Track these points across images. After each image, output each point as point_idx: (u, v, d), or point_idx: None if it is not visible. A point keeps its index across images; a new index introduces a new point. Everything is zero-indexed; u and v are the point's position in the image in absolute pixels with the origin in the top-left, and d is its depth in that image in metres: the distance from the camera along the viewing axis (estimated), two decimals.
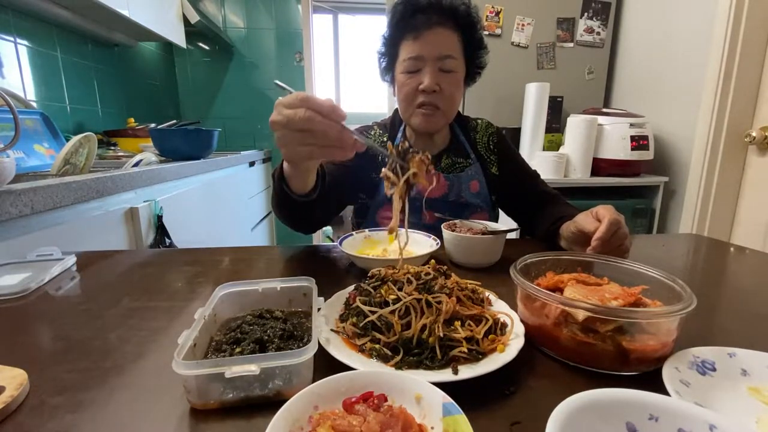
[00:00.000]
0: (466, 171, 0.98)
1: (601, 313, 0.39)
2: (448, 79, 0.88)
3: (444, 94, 0.89)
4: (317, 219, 0.81)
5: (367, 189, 0.98)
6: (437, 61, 0.87)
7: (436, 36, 0.86)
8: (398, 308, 0.42)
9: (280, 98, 0.52)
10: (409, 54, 0.88)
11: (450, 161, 0.99)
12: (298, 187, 0.66)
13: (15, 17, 1.47)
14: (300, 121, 0.48)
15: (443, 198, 0.95)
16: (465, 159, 1.00)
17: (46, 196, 0.80)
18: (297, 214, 0.73)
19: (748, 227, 1.67)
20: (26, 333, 0.49)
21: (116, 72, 2.12)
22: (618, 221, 0.64)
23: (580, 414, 0.28)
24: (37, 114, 1.38)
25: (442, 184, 0.95)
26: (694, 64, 1.76)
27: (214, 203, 1.78)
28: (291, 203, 0.68)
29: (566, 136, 1.90)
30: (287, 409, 0.29)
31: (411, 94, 0.90)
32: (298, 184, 0.65)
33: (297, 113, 0.48)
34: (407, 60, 0.88)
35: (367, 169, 0.95)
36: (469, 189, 0.97)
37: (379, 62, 0.99)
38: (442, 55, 0.87)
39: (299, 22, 2.87)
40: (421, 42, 0.86)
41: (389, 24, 0.92)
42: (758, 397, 0.36)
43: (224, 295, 0.47)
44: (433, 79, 0.87)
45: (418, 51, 0.87)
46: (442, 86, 0.88)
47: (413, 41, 0.87)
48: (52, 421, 0.33)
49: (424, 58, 0.87)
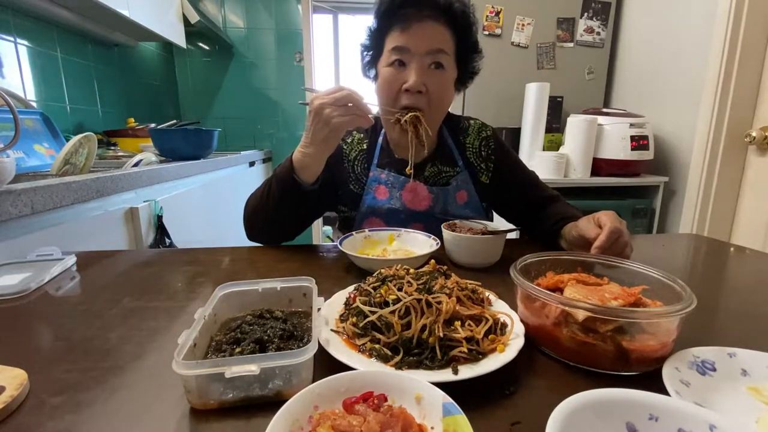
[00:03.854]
0: (451, 182, 0.91)
1: (601, 313, 0.39)
2: (437, 78, 0.80)
3: (431, 96, 0.80)
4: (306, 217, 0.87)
5: (348, 201, 0.93)
6: (426, 56, 0.78)
7: (427, 29, 0.78)
8: (398, 308, 0.42)
9: (315, 94, 0.71)
10: (395, 44, 0.79)
11: (435, 170, 0.91)
12: (309, 176, 0.77)
13: (15, 17, 1.47)
14: (344, 97, 0.68)
15: (428, 211, 0.90)
16: (452, 167, 0.92)
17: (46, 196, 0.80)
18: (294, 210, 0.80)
19: (748, 227, 1.67)
20: (26, 333, 0.49)
21: (116, 72, 2.12)
22: (618, 230, 0.62)
23: (580, 414, 0.28)
24: (37, 114, 1.38)
25: (426, 197, 0.89)
26: (694, 64, 1.76)
27: (214, 203, 1.78)
28: (296, 197, 0.78)
29: (566, 136, 1.90)
30: (287, 409, 0.29)
31: (393, 93, 0.81)
32: (313, 171, 0.77)
33: (341, 92, 0.68)
34: (392, 51, 0.79)
35: (346, 182, 0.92)
36: (455, 201, 0.91)
37: (361, 56, 0.89)
38: (432, 49, 0.78)
39: (299, 22, 2.87)
40: (409, 34, 0.78)
41: (376, 13, 0.83)
42: (758, 397, 0.36)
43: (224, 295, 0.47)
44: (420, 78, 0.78)
45: (405, 42, 0.78)
46: (429, 87, 0.79)
47: (400, 33, 0.78)
48: (52, 421, 0.33)
49: (411, 52, 0.78)
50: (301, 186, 0.77)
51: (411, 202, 0.90)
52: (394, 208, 0.90)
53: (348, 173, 0.93)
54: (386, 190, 0.90)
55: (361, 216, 0.92)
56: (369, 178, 0.91)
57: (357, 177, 0.93)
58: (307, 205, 0.81)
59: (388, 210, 0.90)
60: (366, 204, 0.91)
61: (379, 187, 0.91)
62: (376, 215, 0.90)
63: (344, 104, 0.68)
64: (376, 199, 0.91)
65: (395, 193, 0.90)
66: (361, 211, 0.92)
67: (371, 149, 0.94)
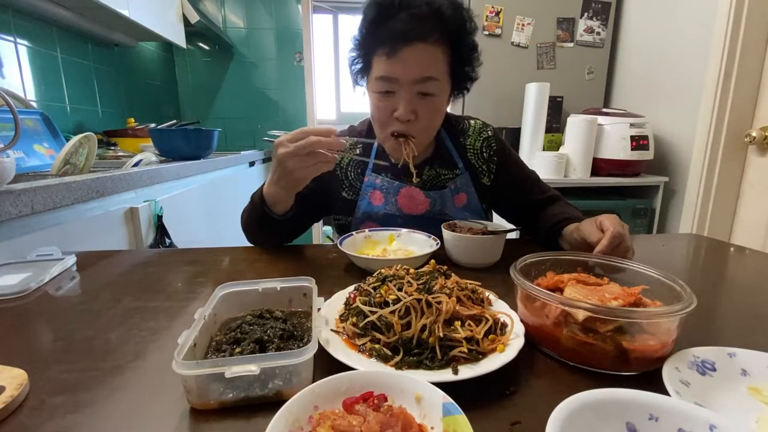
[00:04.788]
0: (449, 186, 0.90)
1: (601, 313, 0.39)
2: (426, 105, 0.78)
3: (420, 123, 0.79)
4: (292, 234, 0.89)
5: (341, 209, 0.93)
6: (414, 85, 0.75)
7: (414, 54, 0.73)
8: (398, 308, 0.42)
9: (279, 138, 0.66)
10: (382, 73, 0.76)
11: (433, 173, 0.90)
12: (280, 209, 0.76)
13: (15, 17, 1.47)
14: (307, 145, 0.63)
15: (426, 215, 0.89)
16: (451, 170, 0.91)
17: (46, 196, 0.80)
18: (273, 232, 0.82)
19: (748, 227, 1.67)
20: (26, 333, 0.49)
21: (116, 72, 2.12)
22: (621, 234, 0.61)
23: (580, 414, 0.28)
24: (37, 114, 1.38)
25: (423, 201, 0.89)
26: (694, 64, 1.76)
27: (214, 203, 1.78)
28: (271, 223, 0.78)
29: (566, 136, 1.90)
30: (287, 409, 0.29)
31: (384, 120, 0.80)
32: (283, 206, 0.76)
33: (304, 141, 0.63)
34: (379, 79, 0.77)
35: (338, 190, 0.92)
36: (453, 204, 0.90)
37: (350, 66, 0.86)
38: (420, 78, 0.75)
39: (299, 22, 2.87)
40: (396, 62, 0.74)
41: (361, 28, 0.80)
42: (758, 397, 0.36)
43: (224, 295, 0.47)
44: (408, 107, 0.76)
45: (392, 72, 0.75)
46: (419, 114, 0.77)
47: (386, 59, 0.74)
48: (52, 421, 0.33)
49: (399, 82, 0.75)
50: (273, 216, 0.77)
51: (407, 206, 0.89)
52: (390, 213, 0.89)
53: (341, 181, 0.92)
54: (381, 195, 0.90)
55: (357, 222, 0.91)
56: (364, 183, 0.90)
57: (351, 183, 0.92)
58: (289, 227, 0.83)
59: (385, 215, 0.89)
60: (361, 210, 0.90)
61: (374, 193, 0.90)
62: (372, 220, 0.90)
63: (307, 153, 0.63)
64: (372, 205, 0.90)
65: (391, 198, 0.89)
66: (356, 217, 0.91)
67: (366, 154, 0.93)
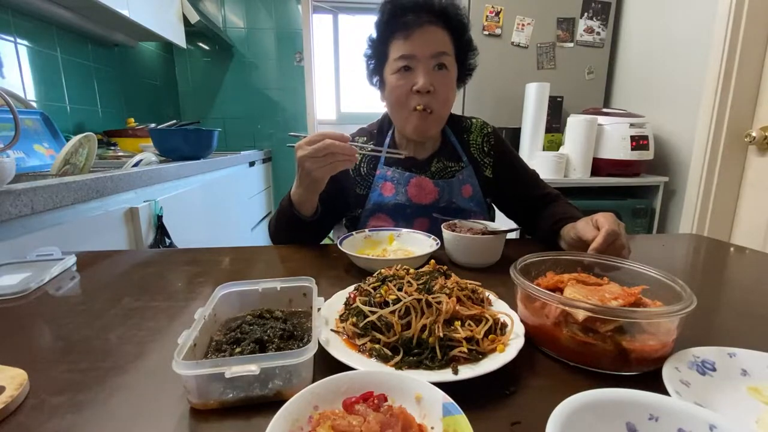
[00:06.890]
0: (456, 176, 0.95)
1: (601, 313, 0.39)
2: (442, 79, 0.85)
3: (438, 96, 0.85)
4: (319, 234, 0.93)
5: (354, 204, 0.96)
6: (431, 59, 0.83)
7: (429, 34, 0.83)
8: (398, 308, 0.42)
9: (298, 142, 0.72)
10: (401, 53, 0.84)
11: (441, 165, 0.96)
12: (307, 210, 0.81)
13: (15, 17, 1.47)
14: (323, 148, 0.68)
15: (434, 204, 0.93)
16: (456, 163, 0.97)
17: (46, 196, 0.80)
18: (302, 234, 0.86)
19: (748, 227, 1.67)
20: (26, 333, 0.49)
21: (116, 72, 2.12)
22: (615, 232, 0.62)
23: (580, 414, 0.28)
24: (37, 114, 1.38)
25: (432, 191, 0.93)
26: (694, 64, 1.76)
27: (214, 203, 1.78)
28: (302, 225, 0.82)
29: (566, 136, 1.90)
30: (287, 409, 0.29)
31: (404, 96, 0.86)
32: (309, 207, 0.81)
33: (320, 143, 0.68)
34: (399, 59, 0.84)
35: (353, 188, 0.96)
36: (461, 194, 0.94)
37: (366, 65, 0.95)
38: (436, 53, 0.83)
39: (299, 22, 2.87)
40: (413, 40, 0.83)
41: (377, 24, 0.88)
42: (758, 397, 0.36)
43: (224, 295, 0.47)
44: (428, 79, 0.83)
45: (410, 50, 0.83)
46: (436, 87, 0.84)
47: (404, 41, 0.83)
48: (52, 421, 0.33)
49: (417, 57, 0.83)
50: (302, 218, 0.82)
51: (416, 196, 0.92)
52: (400, 203, 0.92)
53: (354, 179, 0.96)
54: (392, 186, 0.93)
55: (367, 213, 0.94)
56: (376, 176, 0.94)
57: (363, 178, 0.95)
58: (317, 227, 0.87)
59: (395, 205, 0.92)
60: (372, 201, 0.93)
61: (385, 184, 0.93)
62: (382, 211, 0.93)
63: (323, 155, 0.68)
64: (382, 196, 0.93)
65: (401, 188, 0.93)
66: (367, 208, 0.94)
67: None
